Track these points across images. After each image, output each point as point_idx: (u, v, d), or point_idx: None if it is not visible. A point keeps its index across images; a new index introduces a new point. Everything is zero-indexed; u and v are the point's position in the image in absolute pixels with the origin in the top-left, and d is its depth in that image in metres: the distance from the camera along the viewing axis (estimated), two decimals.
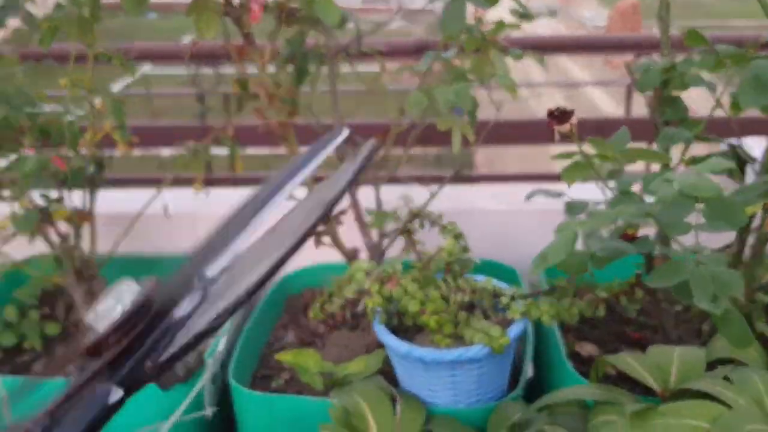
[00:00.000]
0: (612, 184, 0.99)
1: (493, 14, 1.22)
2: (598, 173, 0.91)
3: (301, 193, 0.95)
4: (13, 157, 1.26)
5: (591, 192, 1.05)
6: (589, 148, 0.86)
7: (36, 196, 1.35)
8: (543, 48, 2.38)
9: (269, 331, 1.41)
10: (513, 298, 1.09)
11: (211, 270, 0.50)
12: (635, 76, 1.07)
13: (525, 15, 1.24)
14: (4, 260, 1.40)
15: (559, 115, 0.79)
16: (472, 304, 1.12)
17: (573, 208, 1.05)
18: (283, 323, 1.43)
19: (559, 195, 1.09)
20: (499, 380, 1.12)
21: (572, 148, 0.92)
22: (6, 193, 1.30)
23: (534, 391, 1.14)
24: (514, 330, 1.06)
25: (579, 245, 0.96)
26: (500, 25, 1.23)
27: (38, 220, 1.31)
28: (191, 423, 1.14)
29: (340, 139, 0.58)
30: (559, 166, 0.97)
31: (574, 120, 0.79)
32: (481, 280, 1.13)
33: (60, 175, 1.33)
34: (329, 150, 0.55)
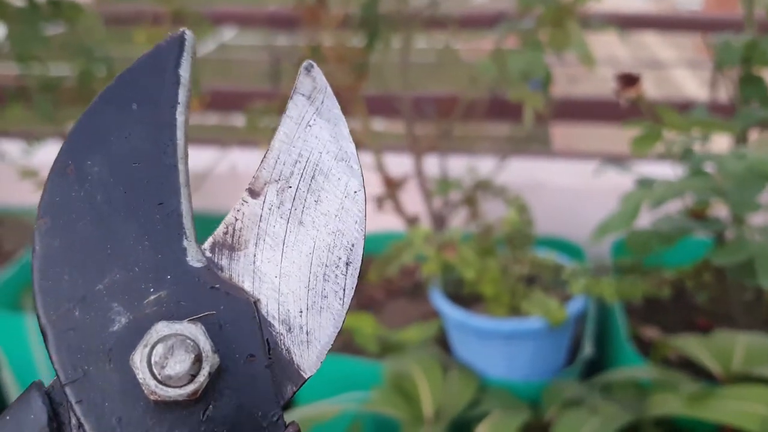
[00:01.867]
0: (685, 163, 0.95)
1: None
2: (668, 145, 0.88)
3: None
4: None
5: (667, 174, 1.01)
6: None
7: None
8: (631, 25, 2.31)
9: None
10: (574, 273, 1.07)
11: None
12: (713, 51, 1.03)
13: None
14: None
15: (626, 80, 0.76)
16: (533, 278, 1.11)
17: (644, 184, 1.02)
18: None
19: (628, 169, 1.06)
20: (556, 356, 1.10)
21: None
22: None
23: (594, 371, 1.12)
24: (574, 305, 1.04)
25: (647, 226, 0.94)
26: None
27: None
28: None
29: None
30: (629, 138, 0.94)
31: (641, 85, 0.76)
32: (543, 254, 1.11)
33: None
34: None
